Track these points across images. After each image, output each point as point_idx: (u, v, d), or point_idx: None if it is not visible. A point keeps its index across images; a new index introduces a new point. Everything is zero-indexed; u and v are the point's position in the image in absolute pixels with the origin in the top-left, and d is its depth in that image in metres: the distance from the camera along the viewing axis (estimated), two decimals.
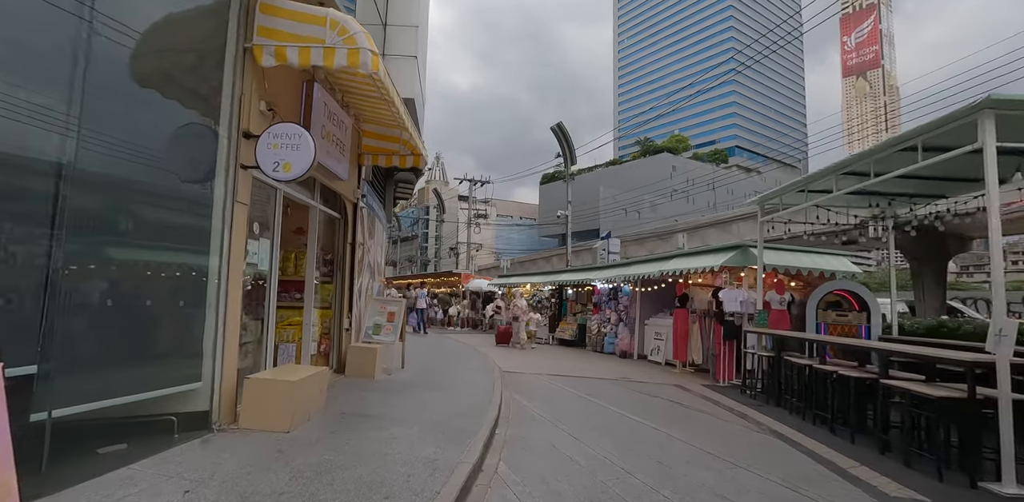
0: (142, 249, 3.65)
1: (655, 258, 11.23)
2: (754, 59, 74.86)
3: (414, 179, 12.64)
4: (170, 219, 3.89)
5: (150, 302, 3.65)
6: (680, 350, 10.00)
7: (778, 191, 7.30)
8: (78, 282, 3.15)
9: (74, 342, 3.08)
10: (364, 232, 7.71)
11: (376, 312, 7.44)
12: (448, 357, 10.32)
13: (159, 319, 3.74)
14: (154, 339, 3.72)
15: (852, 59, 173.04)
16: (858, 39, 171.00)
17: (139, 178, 3.64)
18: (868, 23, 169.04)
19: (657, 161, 79.80)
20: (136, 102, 3.63)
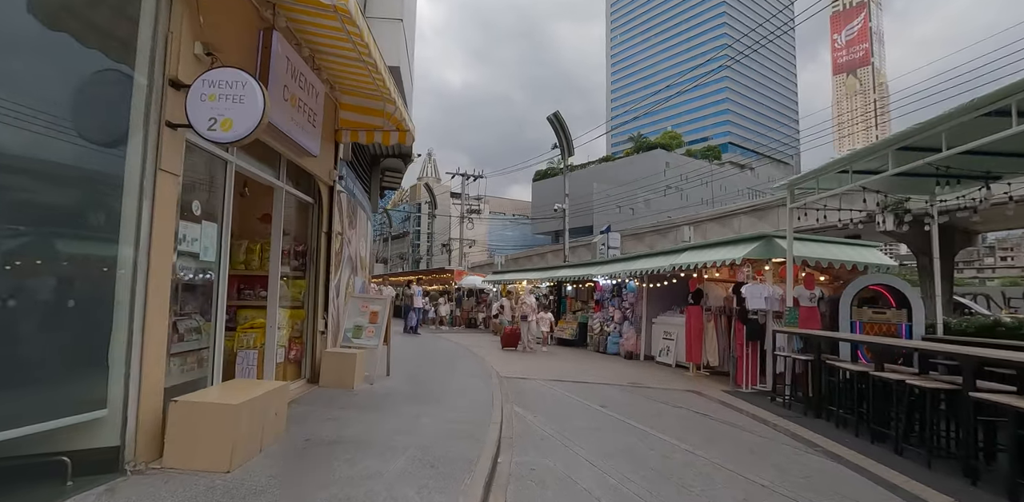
0: (19, 236, 2.68)
1: (665, 251, 10.35)
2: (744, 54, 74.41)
3: (402, 167, 11.65)
4: (60, 194, 2.91)
5: (27, 304, 2.68)
6: (694, 351, 9.13)
7: (815, 172, 6.42)
8: None
9: None
10: (343, 220, 6.74)
11: (357, 312, 6.48)
12: (440, 361, 9.37)
13: (43, 326, 2.76)
14: (33, 353, 2.74)
15: (842, 57, 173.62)
16: (848, 37, 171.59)
17: (15, 140, 2.66)
18: (858, 21, 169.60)
19: (650, 157, 79.13)
20: (12, 37, 2.66)
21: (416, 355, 10.04)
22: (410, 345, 12.09)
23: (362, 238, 8.57)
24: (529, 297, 12.56)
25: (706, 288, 9.34)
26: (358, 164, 9.46)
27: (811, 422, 5.58)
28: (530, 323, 12.25)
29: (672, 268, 9.44)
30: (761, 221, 23.68)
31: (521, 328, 12.35)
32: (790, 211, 7.12)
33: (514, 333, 12.51)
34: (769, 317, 7.74)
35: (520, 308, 12.44)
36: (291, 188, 5.55)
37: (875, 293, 7.44)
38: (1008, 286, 35.88)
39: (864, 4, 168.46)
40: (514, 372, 8.53)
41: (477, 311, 22.78)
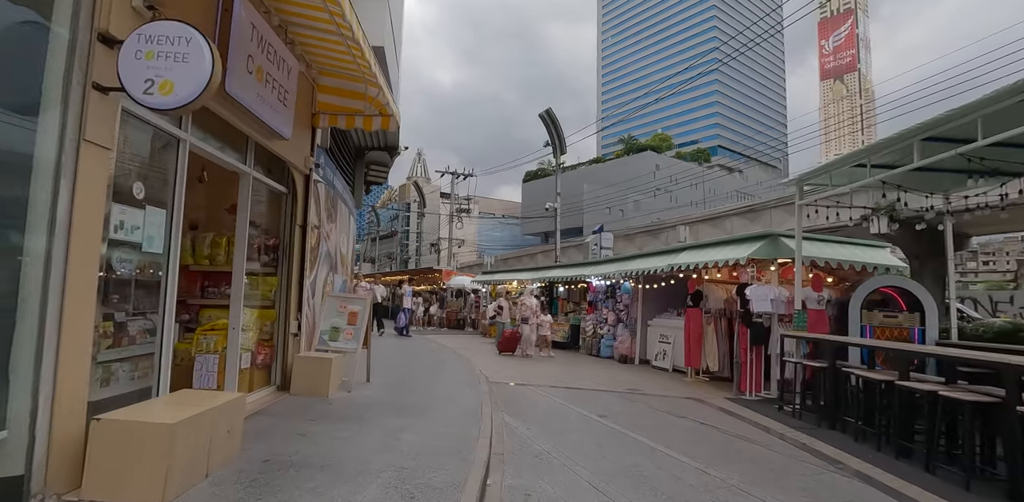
0: None
1: (663, 251, 9.92)
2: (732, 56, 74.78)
3: (388, 160, 11.11)
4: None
5: None
6: (693, 356, 8.70)
7: (827, 166, 6.01)
8: None
9: None
10: (320, 212, 6.20)
11: (334, 312, 5.93)
12: (425, 365, 8.83)
13: None
14: None
15: (830, 63, 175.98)
16: (836, 43, 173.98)
17: None
18: (845, 27, 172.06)
19: (641, 159, 79.19)
20: None
21: (400, 358, 9.49)
22: (395, 347, 11.53)
23: (343, 234, 8.03)
24: (530, 298, 11.55)
25: (706, 289, 8.92)
26: (340, 155, 8.91)
27: (827, 434, 5.15)
28: (531, 326, 11.24)
29: (670, 268, 9.01)
30: (753, 223, 23.46)
31: (522, 332, 11.33)
32: (799, 208, 6.72)
33: (513, 337, 11.44)
34: (774, 320, 7.33)
35: (520, 310, 11.49)
36: (260, 175, 5.01)
37: (885, 296, 7.06)
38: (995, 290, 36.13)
39: (851, 11, 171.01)
40: (504, 377, 8.03)
41: (466, 312, 22.28)
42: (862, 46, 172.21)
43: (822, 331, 6.99)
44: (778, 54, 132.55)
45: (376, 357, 8.53)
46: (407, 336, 14.75)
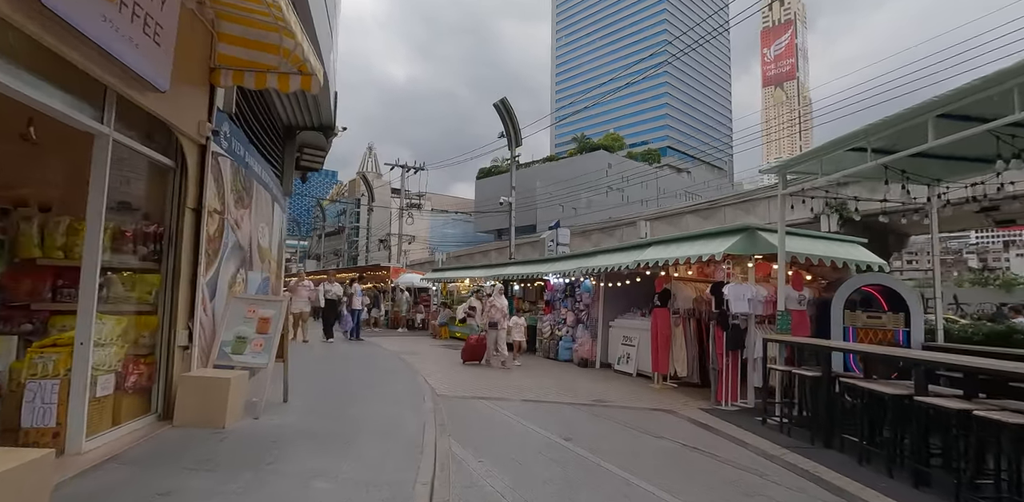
0: None
1: (628, 247, 9.19)
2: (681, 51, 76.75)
3: (324, 143, 9.83)
4: None
5: None
6: (661, 360, 8.00)
7: (819, 150, 5.37)
8: None
9: None
10: (224, 194, 4.98)
11: (240, 318, 4.76)
12: (362, 377, 7.69)
13: None
14: None
15: (771, 70, 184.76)
16: (776, 52, 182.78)
17: None
18: (785, 37, 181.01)
19: (593, 158, 79.78)
20: None
21: (333, 369, 8.28)
22: (330, 355, 10.24)
23: (264, 223, 6.78)
24: (500, 299, 10.06)
25: (674, 288, 8.24)
26: (264, 133, 7.62)
27: (825, 455, 4.48)
28: (500, 332, 9.75)
29: (636, 265, 8.28)
30: (707, 220, 23.46)
31: (488, 338, 9.88)
32: (782, 198, 6.09)
33: (480, 344, 9.97)
34: (751, 322, 6.70)
35: (488, 313, 9.90)
36: (126, 138, 3.78)
37: (865, 295, 6.57)
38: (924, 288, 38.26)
39: (791, 21, 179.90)
40: (454, 389, 7.03)
41: (415, 312, 21.06)
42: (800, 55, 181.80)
43: (803, 334, 6.41)
44: (724, 59, 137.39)
45: (306, 368, 7.35)
46: (358, 340, 13.32)
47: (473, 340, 10.11)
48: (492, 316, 9.77)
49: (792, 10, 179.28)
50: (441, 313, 16.82)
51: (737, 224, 6.99)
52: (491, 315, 9.78)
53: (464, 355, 10.12)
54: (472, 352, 10.06)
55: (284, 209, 8.80)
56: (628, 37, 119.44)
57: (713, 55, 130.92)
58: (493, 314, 9.77)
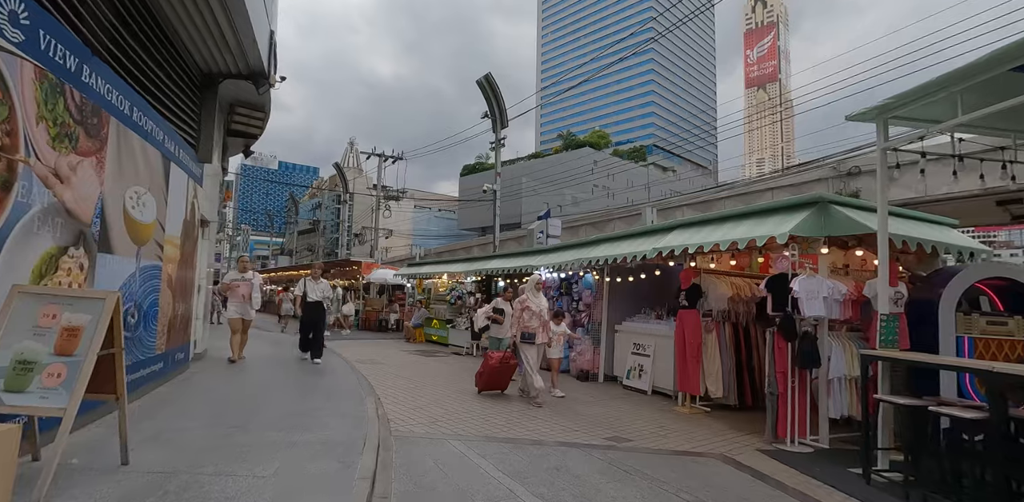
0: None
1: (643, 231, 7.33)
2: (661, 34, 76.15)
3: (257, 97, 7.81)
4: None
5: None
6: (689, 375, 6.18)
7: (944, 80, 3.56)
8: None
9: None
10: (15, 119, 2.98)
11: (27, 327, 2.77)
12: (282, 405, 5.60)
13: None
14: None
15: (754, 72, 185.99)
16: (759, 54, 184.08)
17: None
18: (768, 39, 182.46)
19: (579, 155, 78.45)
20: None
21: (245, 392, 6.08)
22: (248, 370, 8.04)
23: (145, 190, 4.76)
24: (537, 298, 6.67)
25: (706, 284, 6.44)
26: (167, 76, 5.61)
27: None
28: (538, 348, 6.55)
29: (654, 254, 6.45)
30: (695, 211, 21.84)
31: (523, 355, 6.42)
32: (882, 154, 4.28)
33: (506, 366, 6.58)
34: (823, 329, 4.91)
35: (519, 319, 6.56)
36: None
37: (975, 293, 4.83)
38: None
39: (773, 24, 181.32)
40: (416, 419, 5.11)
41: (388, 311, 19.05)
42: (783, 58, 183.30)
43: (903, 345, 4.63)
44: (710, 59, 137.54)
45: (208, 393, 5.35)
46: None
47: (495, 360, 6.51)
48: (528, 325, 6.46)
49: (775, 12, 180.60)
50: (416, 313, 14.86)
51: (805, 196, 5.19)
52: (526, 323, 6.47)
53: (480, 381, 6.67)
54: (493, 377, 6.58)
55: (191, 178, 6.76)
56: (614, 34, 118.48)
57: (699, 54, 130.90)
58: (529, 322, 6.46)
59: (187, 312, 6.40)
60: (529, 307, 6.51)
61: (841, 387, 4.88)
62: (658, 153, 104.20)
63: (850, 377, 4.88)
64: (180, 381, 5.87)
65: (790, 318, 4.81)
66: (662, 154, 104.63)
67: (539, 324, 6.54)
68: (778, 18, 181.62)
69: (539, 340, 6.52)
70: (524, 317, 6.50)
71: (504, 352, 6.65)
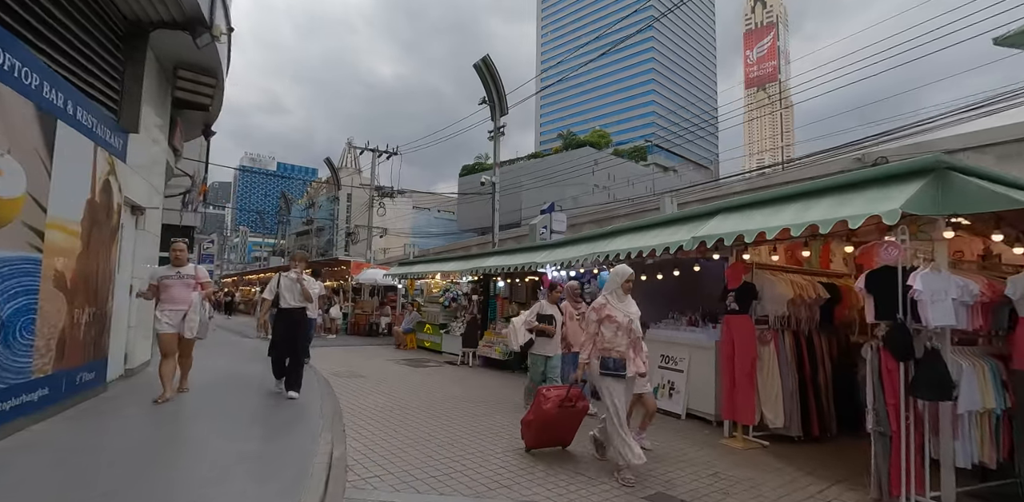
0: None
1: (678, 218, 5.92)
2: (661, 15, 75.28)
3: (210, 62, 6.45)
4: None
5: None
6: (741, 399, 4.81)
7: None
8: None
9: None
10: None
11: None
12: (204, 439, 4.31)
13: None
14: None
15: (754, 72, 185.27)
16: (759, 54, 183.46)
17: None
18: (768, 40, 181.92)
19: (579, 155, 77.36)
20: None
21: (167, 433, 4.81)
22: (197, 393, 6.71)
23: (30, 157, 3.41)
24: (624, 303, 4.12)
25: (760, 282, 5.08)
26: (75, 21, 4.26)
27: None
28: (633, 380, 4.11)
29: (696, 245, 5.08)
30: None
31: (605, 396, 3.92)
32: None
33: (568, 413, 4.21)
34: (945, 342, 3.55)
35: (597, 335, 4.03)
36: None
37: None
38: None
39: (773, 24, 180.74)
40: (384, 470, 3.75)
41: (379, 314, 17.67)
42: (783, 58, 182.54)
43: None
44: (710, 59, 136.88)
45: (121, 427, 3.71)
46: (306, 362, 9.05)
47: (552, 403, 4.13)
48: (610, 346, 3.96)
49: (775, 13, 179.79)
50: (407, 316, 13.50)
51: (915, 161, 3.82)
52: (606, 343, 3.97)
53: (529, 433, 4.27)
54: (549, 430, 4.26)
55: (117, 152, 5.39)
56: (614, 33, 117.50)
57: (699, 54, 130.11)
58: (613, 340, 3.96)
59: (101, 319, 5.03)
60: (612, 317, 3.96)
61: (970, 424, 3.52)
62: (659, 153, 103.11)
63: (983, 411, 3.53)
64: (79, 413, 4.47)
65: (903, 329, 3.44)
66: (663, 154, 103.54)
67: (628, 344, 3.97)
68: (777, 18, 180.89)
69: (631, 370, 3.96)
70: (604, 333, 3.98)
71: (568, 389, 4.18)
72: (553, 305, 5.83)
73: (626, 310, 4.08)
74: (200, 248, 33.14)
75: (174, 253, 5.27)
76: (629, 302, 4.17)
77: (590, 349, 4.04)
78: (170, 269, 5.26)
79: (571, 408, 4.21)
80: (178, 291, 5.23)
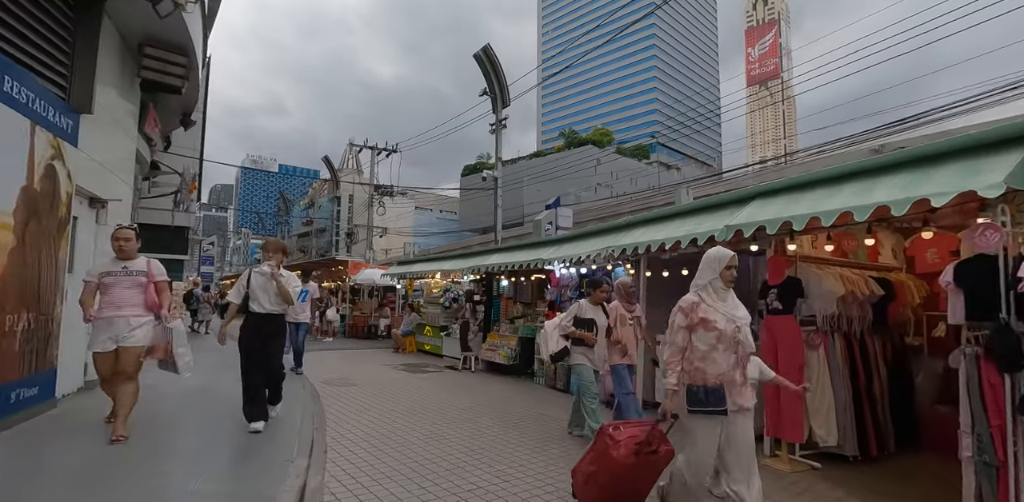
0: None
1: (705, 206, 5.21)
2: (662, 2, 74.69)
3: (172, 35, 5.80)
4: None
5: None
6: (788, 413, 4.13)
7: None
8: None
9: None
10: None
11: None
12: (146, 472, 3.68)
13: None
14: None
15: (755, 69, 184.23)
16: (761, 51, 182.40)
17: None
18: (769, 37, 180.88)
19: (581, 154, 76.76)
20: None
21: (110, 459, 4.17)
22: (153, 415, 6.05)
23: None
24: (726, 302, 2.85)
25: (805, 276, 4.40)
26: None
27: None
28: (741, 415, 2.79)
29: (730, 234, 4.39)
30: None
31: (695, 438, 2.78)
32: None
33: (647, 462, 2.77)
34: None
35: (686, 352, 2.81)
36: None
37: None
38: None
39: (775, 21, 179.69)
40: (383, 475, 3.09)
41: (378, 316, 17.02)
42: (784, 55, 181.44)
43: None
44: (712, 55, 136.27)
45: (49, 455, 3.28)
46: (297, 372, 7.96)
47: (626, 448, 2.76)
48: (705, 366, 2.75)
49: (776, 10, 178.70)
50: (405, 318, 12.84)
51: (1007, 126, 3.15)
52: (697, 362, 2.77)
53: (587, 492, 2.94)
54: (615, 485, 2.81)
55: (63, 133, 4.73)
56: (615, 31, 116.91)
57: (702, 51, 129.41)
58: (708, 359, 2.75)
59: (46, 326, 4.37)
60: (710, 321, 2.75)
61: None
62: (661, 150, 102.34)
63: None
64: (15, 435, 3.82)
65: (1009, 332, 2.76)
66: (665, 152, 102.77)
67: (734, 363, 2.76)
68: (779, 15, 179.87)
69: (744, 401, 2.76)
70: (697, 346, 2.76)
71: (651, 427, 2.80)
72: (596, 306, 4.81)
73: (730, 312, 2.76)
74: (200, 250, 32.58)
75: (117, 242, 3.95)
76: (733, 300, 2.86)
77: (679, 370, 2.76)
78: (115, 263, 3.98)
79: (652, 455, 2.76)
80: (122, 292, 3.91)
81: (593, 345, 4.65)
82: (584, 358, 4.72)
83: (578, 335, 4.68)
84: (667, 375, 2.79)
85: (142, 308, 3.98)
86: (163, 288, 4.14)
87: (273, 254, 4.51)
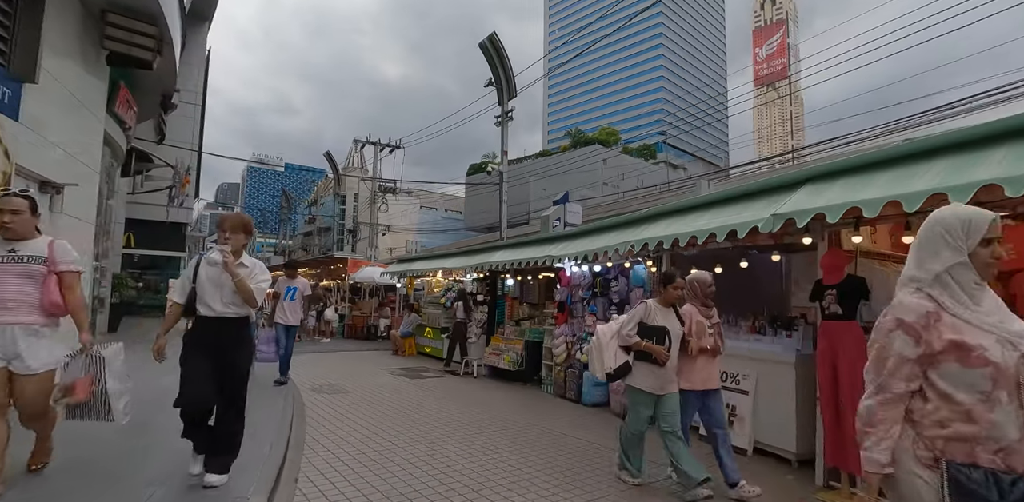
0: None
1: (743, 194, 4.50)
2: None
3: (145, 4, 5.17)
4: None
5: None
6: (852, 438, 3.45)
7: None
8: None
9: None
10: None
11: None
12: None
13: None
14: None
15: (763, 69, 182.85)
16: (768, 51, 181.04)
17: None
18: (777, 37, 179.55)
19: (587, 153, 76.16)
20: None
21: None
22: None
23: None
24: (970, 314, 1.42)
25: (869, 275, 3.70)
26: None
27: None
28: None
29: (778, 225, 3.70)
30: None
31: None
32: None
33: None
34: None
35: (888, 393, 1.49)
36: None
37: None
38: None
39: (783, 21, 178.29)
40: None
41: (378, 316, 16.40)
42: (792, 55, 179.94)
43: None
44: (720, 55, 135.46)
45: None
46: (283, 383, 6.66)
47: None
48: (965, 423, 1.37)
49: (784, 10, 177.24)
50: (405, 319, 12.19)
51: None
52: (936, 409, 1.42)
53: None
54: None
55: None
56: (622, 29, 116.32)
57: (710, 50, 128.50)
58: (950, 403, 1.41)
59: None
60: (972, 349, 1.38)
61: None
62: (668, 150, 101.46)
63: None
64: None
65: None
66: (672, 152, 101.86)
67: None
68: (787, 15, 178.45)
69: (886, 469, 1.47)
70: (948, 392, 1.42)
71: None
72: (668, 309, 3.72)
73: (1002, 327, 1.42)
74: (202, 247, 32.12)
75: (1, 216, 2.63)
76: (994, 304, 1.49)
77: (892, 437, 1.48)
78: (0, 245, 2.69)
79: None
80: (5, 287, 2.64)
81: (665, 363, 3.53)
82: (644, 380, 3.58)
83: (644, 348, 3.57)
84: (875, 439, 1.49)
85: (38, 312, 2.70)
86: (71, 284, 2.78)
87: (232, 234, 3.12)
